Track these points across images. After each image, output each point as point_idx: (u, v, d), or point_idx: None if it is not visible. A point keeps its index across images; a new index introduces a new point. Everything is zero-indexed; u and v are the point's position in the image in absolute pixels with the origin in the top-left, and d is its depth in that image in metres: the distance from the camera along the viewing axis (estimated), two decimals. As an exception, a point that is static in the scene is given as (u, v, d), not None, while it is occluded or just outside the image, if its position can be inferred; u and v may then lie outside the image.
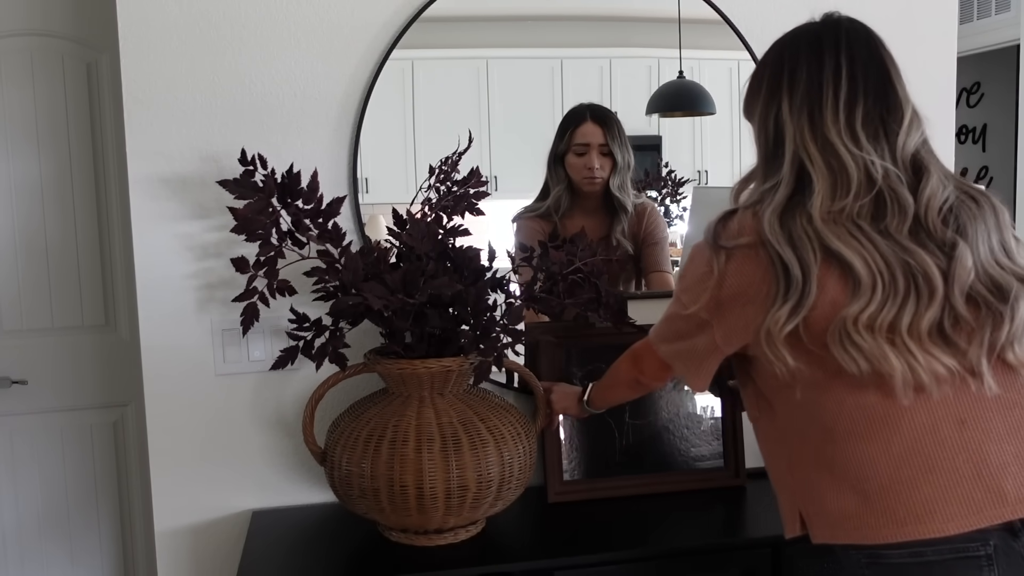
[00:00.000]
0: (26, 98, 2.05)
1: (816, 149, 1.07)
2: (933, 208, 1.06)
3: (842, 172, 1.06)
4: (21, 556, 2.14)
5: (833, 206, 1.05)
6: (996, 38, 3.89)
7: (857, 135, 1.07)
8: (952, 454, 1.02)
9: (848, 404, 1.06)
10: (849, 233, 1.03)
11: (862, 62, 1.11)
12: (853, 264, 1.01)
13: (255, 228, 1.39)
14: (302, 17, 1.60)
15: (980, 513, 1.01)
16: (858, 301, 1.01)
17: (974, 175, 4.97)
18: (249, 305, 1.43)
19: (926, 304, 1.01)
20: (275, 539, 1.52)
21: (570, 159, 1.68)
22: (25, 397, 2.11)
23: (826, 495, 1.08)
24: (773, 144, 1.13)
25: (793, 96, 1.11)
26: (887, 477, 1.03)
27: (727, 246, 1.09)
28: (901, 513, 1.02)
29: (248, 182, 1.41)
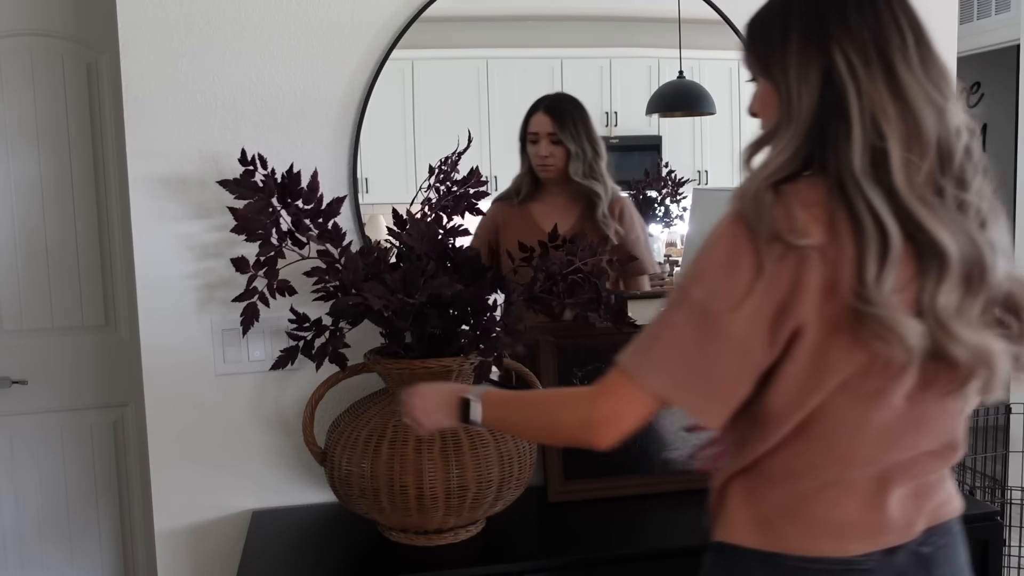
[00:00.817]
0: (26, 98, 2.05)
1: (893, 108, 0.94)
2: (977, 199, 0.98)
3: (921, 137, 0.94)
4: (21, 556, 2.14)
5: (912, 177, 0.93)
6: (996, 38, 3.89)
7: (938, 91, 0.97)
8: (869, 475, 1.00)
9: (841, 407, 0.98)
10: (932, 207, 0.93)
11: (910, 15, 0.99)
12: (947, 249, 0.92)
13: (255, 228, 1.39)
14: (302, 17, 1.60)
15: (874, 538, 0.99)
16: (950, 292, 0.92)
17: (974, 175, 4.97)
18: (249, 305, 1.43)
19: (976, 296, 0.94)
20: (275, 539, 1.52)
21: (528, 147, 1.72)
22: (25, 397, 2.11)
23: (753, 500, 1.04)
24: (819, 100, 0.97)
25: (849, 46, 0.97)
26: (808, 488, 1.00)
27: (791, 243, 0.92)
28: (809, 524, 1.00)
29: (248, 182, 1.41)
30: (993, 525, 1.54)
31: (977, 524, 1.53)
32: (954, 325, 0.92)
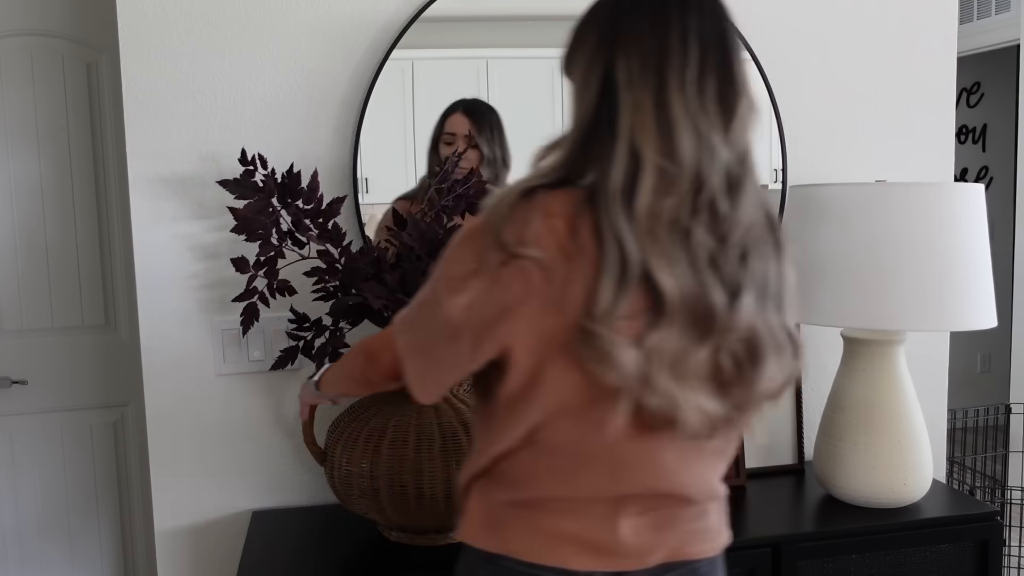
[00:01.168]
0: (26, 98, 2.05)
1: (655, 128, 0.90)
2: (737, 234, 0.92)
3: (676, 161, 0.89)
4: (21, 556, 2.14)
5: (656, 203, 0.88)
6: (996, 38, 3.89)
7: (707, 115, 0.91)
8: (603, 497, 0.97)
9: (537, 428, 0.96)
10: (664, 245, 0.88)
11: (709, 31, 0.93)
12: (666, 288, 0.88)
13: (255, 228, 1.39)
14: (302, 17, 1.60)
15: (601, 558, 0.98)
16: (659, 331, 0.88)
17: (974, 175, 4.97)
18: (249, 305, 1.44)
19: (703, 343, 0.91)
20: (275, 539, 1.52)
21: (441, 147, 1.70)
22: (25, 397, 2.11)
23: (487, 500, 1.03)
24: (596, 109, 0.93)
25: (633, 57, 0.92)
26: (539, 496, 0.99)
27: (514, 253, 0.90)
28: (535, 532, 0.98)
29: (248, 182, 1.41)
30: (993, 525, 1.54)
31: (977, 524, 1.53)
32: (655, 369, 0.89)
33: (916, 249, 1.42)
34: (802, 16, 1.81)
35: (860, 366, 1.56)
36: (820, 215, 1.50)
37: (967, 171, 4.97)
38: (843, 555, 1.48)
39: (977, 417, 2.89)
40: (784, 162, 1.79)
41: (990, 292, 1.46)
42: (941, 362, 1.95)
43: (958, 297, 1.43)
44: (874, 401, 1.54)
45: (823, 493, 1.64)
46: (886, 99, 1.86)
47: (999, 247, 3.85)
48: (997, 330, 1.71)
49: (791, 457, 1.81)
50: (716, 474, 1.04)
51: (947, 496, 1.63)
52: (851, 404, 1.56)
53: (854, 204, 1.46)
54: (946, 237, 1.42)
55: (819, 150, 1.84)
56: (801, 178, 1.82)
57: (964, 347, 4.70)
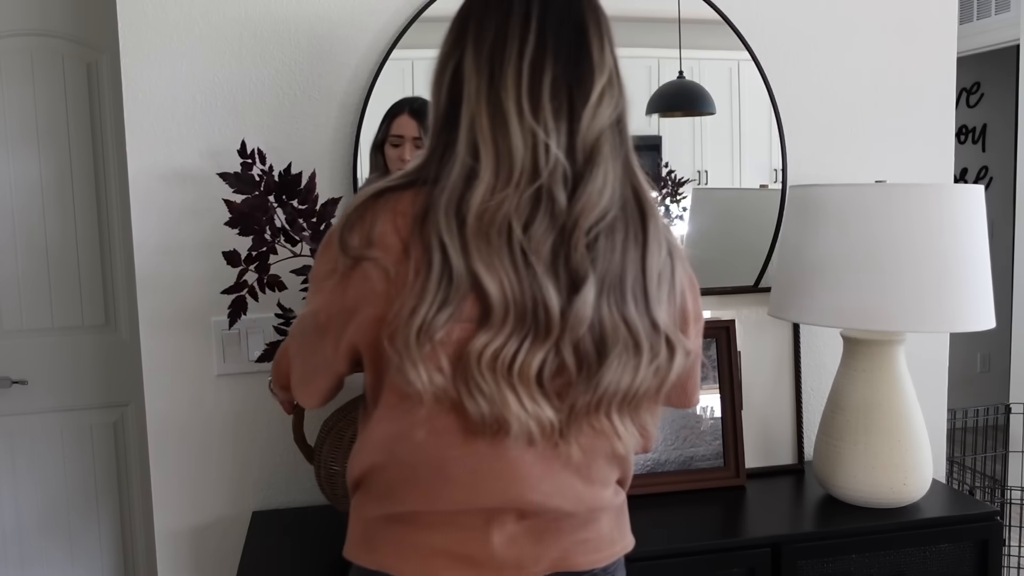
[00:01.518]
0: (26, 98, 2.05)
1: (488, 119, 0.88)
2: (583, 225, 0.88)
3: (508, 155, 0.87)
4: (21, 556, 2.14)
5: (492, 199, 0.86)
6: (996, 38, 3.89)
7: (541, 105, 0.88)
8: (471, 509, 0.94)
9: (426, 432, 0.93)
10: (490, 244, 0.86)
11: (556, 15, 0.90)
12: (488, 289, 0.86)
13: (251, 224, 1.39)
14: (302, 17, 1.60)
15: (475, 571, 0.95)
16: (484, 334, 0.86)
17: (974, 175, 4.97)
18: (238, 298, 1.43)
19: (539, 345, 0.87)
20: (275, 539, 1.52)
21: (387, 149, 1.67)
22: (25, 397, 2.12)
23: (361, 515, 1.01)
24: (447, 102, 0.93)
25: (479, 47, 0.90)
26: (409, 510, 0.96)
27: (355, 255, 0.90)
28: (407, 547, 0.96)
29: (247, 176, 1.41)
30: (992, 525, 1.54)
31: (977, 524, 1.53)
32: (476, 373, 0.87)
33: (916, 250, 1.42)
34: (802, 16, 1.81)
35: (860, 366, 1.56)
36: (820, 215, 1.50)
37: (967, 171, 4.98)
38: (843, 555, 1.48)
39: (977, 417, 2.89)
40: (784, 162, 1.79)
41: (989, 293, 1.46)
42: (941, 362, 1.95)
43: (957, 298, 1.43)
44: (874, 401, 1.54)
45: (823, 493, 1.64)
46: (886, 99, 1.86)
47: (999, 247, 3.85)
48: (997, 330, 1.71)
49: (791, 457, 1.81)
50: (595, 486, 0.99)
51: (947, 496, 1.63)
52: (851, 404, 1.56)
53: (854, 204, 1.46)
54: (946, 238, 1.42)
55: (819, 150, 1.84)
56: (801, 178, 1.82)
57: (964, 347, 4.70)
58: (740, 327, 1.77)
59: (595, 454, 0.97)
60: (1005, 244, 3.94)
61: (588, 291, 0.88)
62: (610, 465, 1.01)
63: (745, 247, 1.82)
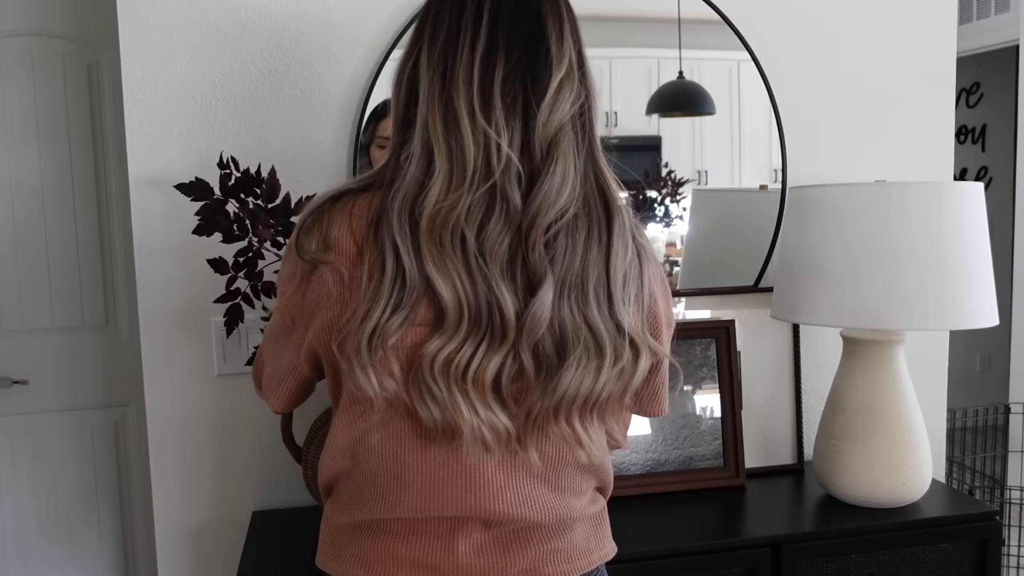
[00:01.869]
0: (26, 98, 2.05)
1: (440, 119, 0.86)
2: (540, 224, 0.86)
3: (460, 154, 0.85)
4: (21, 556, 2.14)
5: (446, 200, 0.85)
6: (995, 38, 3.89)
7: (491, 103, 0.86)
8: (435, 517, 0.93)
9: (384, 439, 0.92)
10: (446, 248, 0.85)
11: (511, 9, 0.88)
12: (441, 292, 0.84)
13: (214, 229, 1.39)
14: (302, 17, 1.60)
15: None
16: (437, 339, 0.85)
17: (973, 175, 4.97)
18: (232, 306, 1.43)
19: (495, 349, 0.85)
20: (275, 539, 1.52)
21: (373, 151, 1.67)
22: (25, 397, 2.12)
23: (329, 523, 1.01)
24: (406, 103, 0.92)
25: (433, 45, 0.89)
26: (373, 519, 0.95)
27: (307, 258, 0.89)
28: (372, 556, 0.95)
29: (202, 184, 1.39)
30: (992, 525, 1.54)
31: (976, 524, 1.54)
32: (428, 379, 0.85)
33: (916, 248, 1.42)
34: (802, 17, 1.81)
35: (859, 366, 1.56)
36: (819, 215, 1.51)
37: (966, 171, 4.98)
38: (843, 555, 1.48)
39: (976, 417, 2.89)
40: (784, 162, 1.79)
41: (991, 290, 1.46)
42: (940, 362, 1.95)
43: (959, 295, 1.43)
44: (873, 401, 1.54)
45: (823, 493, 1.65)
46: (885, 99, 1.87)
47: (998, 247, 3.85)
48: (996, 330, 1.71)
49: (790, 457, 1.81)
50: (565, 495, 0.96)
51: (946, 496, 1.63)
52: (850, 404, 1.56)
53: (853, 204, 1.46)
54: (946, 236, 1.43)
55: (819, 150, 1.84)
56: (800, 179, 1.82)
57: (963, 347, 4.70)
58: (740, 327, 1.77)
59: (563, 462, 0.95)
60: (1005, 244, 3.94)
61: (546, 293, 0.85)
62: (582, 474, 0.98)
63: (745, 247, 1.82)
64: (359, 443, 0.93)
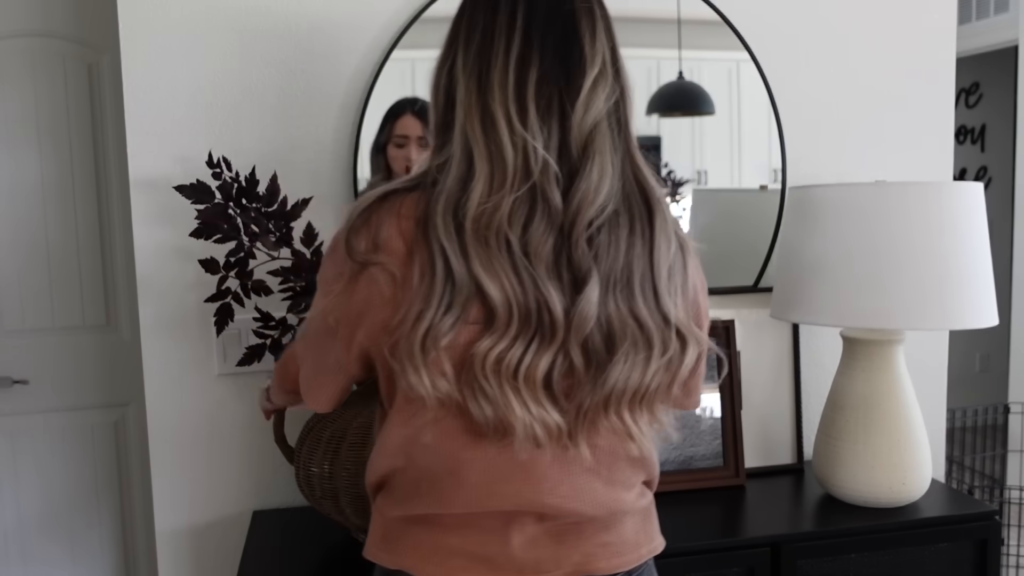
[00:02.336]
0: (27, 99, 2.06)
1: (478, 123, 0.88)
2: (581, 222, 0.87)
3: (500, 157, 0.87)
4: (22, 555, 2.14)
5: (488, 202, 0.86)
6: (995, 39, 3.89)
7: (526, 106, 0.87)
8: (490, 511, 0.94)
9: (435, 438, 0.93)
10: (492, 249, 0.86)
11: (544, 11, 0.90)
12: (490, 293, 0.85)
13: (213, 232, 1.39)
14: (302, 17, 1.60)
15: (495, 573, 0.95)
16: (487, 338, 0.86)
17: (973, 175, 4.98)
18: (223, 306, 1.44)
19: (545, 347, 0.87)
20: (275, 539, 1.52)
21: (391, 150, 1.67)
22: (26, 397, 2.12)
23: (382, 515, 1.01)
24: (444, 106, 0.93)
25: (468, 49, 0.91)
26: (429, 512, 0.96)
27: (360, 260, 0.90)
28: (427, 548, 0.96)
29: (203, 187, 1.41)
30: (991, 524, 1.54)
31: (976, 523, 1.54)
32: (480, 377, 0.86)
33: (916, 248, 1.43)
34: (801, 17, 1.81)
35: (859, 366, 1.56)
36: (819, 215, 1.51)
37: (966, 171, 4.98)
38: (842, 554, 1.48)
39: (976, 417, 2.89)
40: (783, 163, 1.80)
41: (991, 290, 1.46)
42: (940, 362, 1.95)
43: (958, 295, 1.43)
44: (873, 401, 1.54)
45: (822, 492, 1.65)
46: (885, 99, 1.87)
47: (998, 247, 3.86)
48: (996, 330, 1.71)
49: (790, 457, 1.81)
50: (616, 488, 0.98)
51: (946, 495, 1.63)
52: (850, 404, 1.56)
53: (853, 204, 1.46)
54: (945, 236, 1.43)
55: (818, 150, 1.84)
56: (800, 178, 1.82)
57: (963, 347, 4.71)
58: (740, 327, 1.78)
59: (613, 456, 0.96)
60: (1004, 244, 3.94)
61: (592, 289, 0.87)
62: (632, 467, 1.00)
63: (745, 247, 1.82)
64: (413, 441, 0.94)
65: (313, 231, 1.45)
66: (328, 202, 1.63)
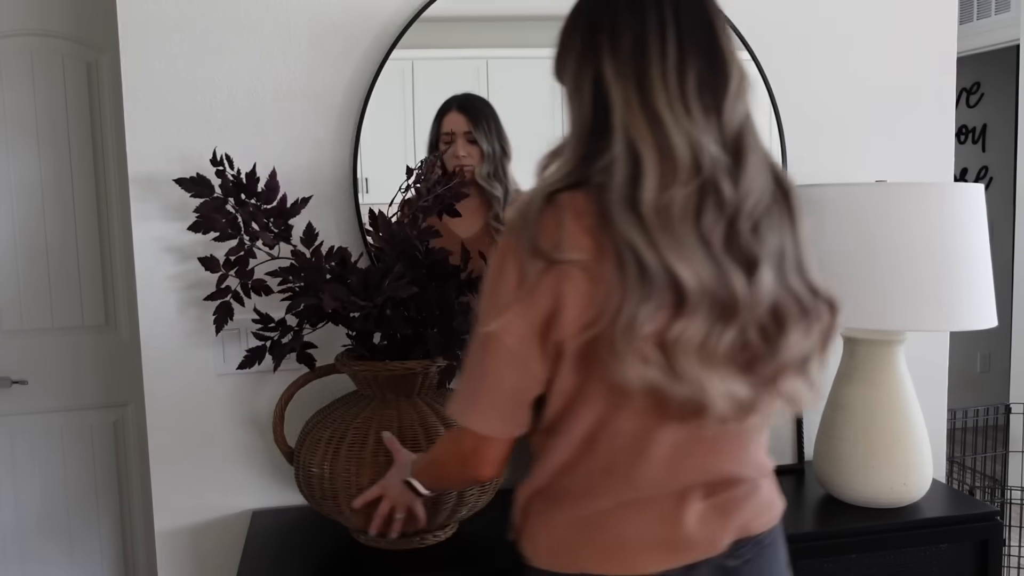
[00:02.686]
0: (26, 98, 2.05)
1: (646, 122, 0.91)
2: (746, 210, 0.93)
3: (670, 154, 0.90)
4: (21, 556, 2.14)
5: (661, 198, 0.90)
6: (996, 38, 3.89)
7: (690, 107, 0.92)
8: (665, 493, 0.99)
9: (613, 428, 0.97)
10: (676, 236, 0.90)
11: (687, 14, 0.94)
12: (684, 280, 0.89)
13: (211, 227, 1.39)
14: (302, 17, 1.60)
15: (673, 554, 0.99)
16: (680, 321, 0.90)
17: (974, 175, 4.97)
18: (222, 304, 1.43)
19: (730, 326, 0.92)
20: (275, 539, 1.52)
21: (443, 148, 1.69)
22: (25, 397, 2.11)
23: (550, 522, 1.04)
24: (593, 112, 0.95)
25: (617, 55, 0.93)
26: (602, 508, 1.00)
27: (553, 258, 0.91)
28: (604, 545, 0.99)
29: (203, 180, 1.41)
30: (993, 525, 1.54)
31: (977, 524, 1.53)
32: (680, 359, 0.90)
33: (916, 249, 1.42)
34: (802, 17, 1.81)
35: (860, 366, 1.56)
36: (820, 216, 1.50)
37: (967, 171, 4.98)
38: (843, 555, 1.48)
39: (977, 417, 2.89)
40: (784, 162, 1.79)
41: (990, 291, 1.46)
42: (941, 362, 1.95)
43: (958, 297, 1.43)
44: (874, 401, 1.54)
45: (823, 493, 1.64)
46: (886, 99, 1.86)
47: (999, 247, 3.85)
48: (997, 330, 1.71)
49: (791, 457, 1.81)
50: (763, 450, 1.07)
51: (947, 496, 1.63)
52: (851, 404, 1.56)
53: (854, 204, 1.46)
54: (946, 236, 1.42)
55: (818, 151, 1.84)
56: (801, 178, 1.82)
57: (964, 347, 4.70)
58: (740, 327, 1.77)
59: (769, 421, 1.03)
60: (1005, 244, 3.94)
61: (765, 271, 0.93)
62: (767, 431, 1.08)
63: (745, 247, 1.81)
64: (604, 427, 0.97)
65: (313, 231, 1.45)
66: (328, 202, 1.63)
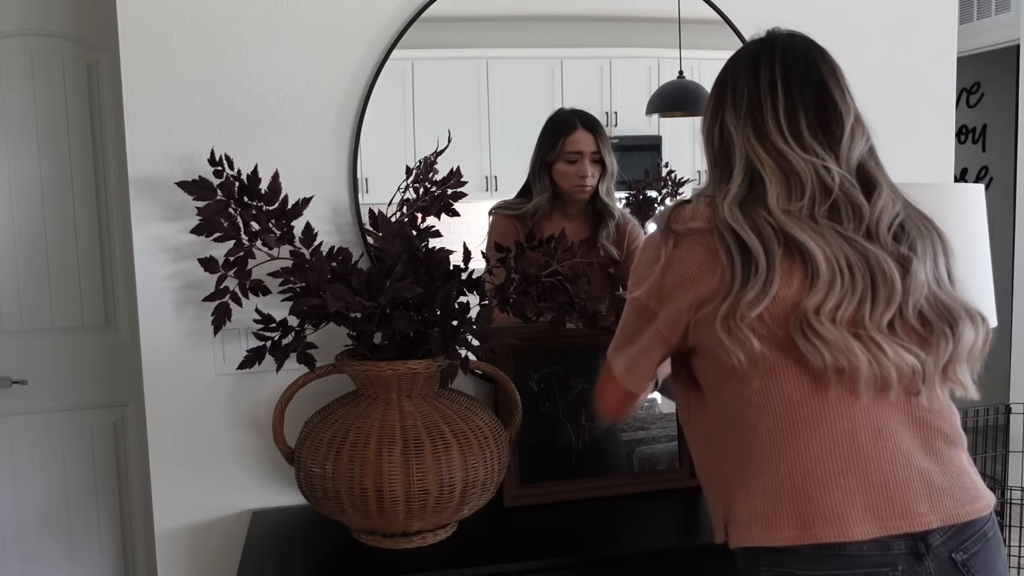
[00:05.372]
0: (26, 98, 2.05)
1: (764, 152, 1.10)
2: (884, 222, 1.07)
3: (794, 175, 1.08)
4: (21, 556, 2.14)
5: (790, 205, 1.06)
6: (996, 38, 3.89)
7: (804, 140, 1.10)
8: (865, 461, 1.03)
9: (775, 400, 1.05)
10: (809, 227, 1.05)
11: (797, 76, 1.13)
12: (815, 255, 1.02)
13: (214, 229, 1.39)
14: (302, 17, 1.60)
15: (882, 522, 1.01)
16: (816, 293, 1.01)
17: (974, 175, 4.97)
18: (220, 305, 1.43)
19: (884, 303, 1.03)
20: (275, 539, 1.52)
21: (560, 167, 1.67)
22: (25, 397, 2.11)
23: (740, 496, 1.07)
24: (720, 152, 1.16)
25: (736, 108, 1.14)
26: (800, 478, 1.03)
27: (678, 230, 1.10)
28: (810, 515, 1.02)
29: (205, 183, 1.40)
30: (993, 525, 1.54)
31: (977, 524, 1.53)
32: (818, 325, 1.00)
33: (916, 249, 1.42)
34: (801, 16, 1.81)
35: (860, 366, 1.56)
36: (820, 215, 1.50)
37: (967, 171, 4.97)
38: (843, 555, 1.48)
39: (977, 417, 2.89)
40: (784, 162, 1.79)
41: (990, 292, 1.46)
42: (941, 362, 1.94)
43: (958, 297, 1.42)
44: (874, 401, 1.53)
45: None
46: (886, 99, 1.86)
47: (999, 247, 3.84)
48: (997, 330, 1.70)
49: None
50: (957, 447, 1.10)
51: (947, 496, 1.62)
52: (851, 404, 1.55)
53: (854, 204, 1.46)
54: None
55: (819, 150, 1.84)
56: (801, 178, 1.82)
57: (964, 347, 4.69)
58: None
59: (951, 411, 1.09)
60: (1005, 244, 3.94)
61: (918, 267, 1.05)
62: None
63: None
64: (770, 395, 1.05)
65: (312, 231, 1.44)
66: (328, 202, 1.63)
